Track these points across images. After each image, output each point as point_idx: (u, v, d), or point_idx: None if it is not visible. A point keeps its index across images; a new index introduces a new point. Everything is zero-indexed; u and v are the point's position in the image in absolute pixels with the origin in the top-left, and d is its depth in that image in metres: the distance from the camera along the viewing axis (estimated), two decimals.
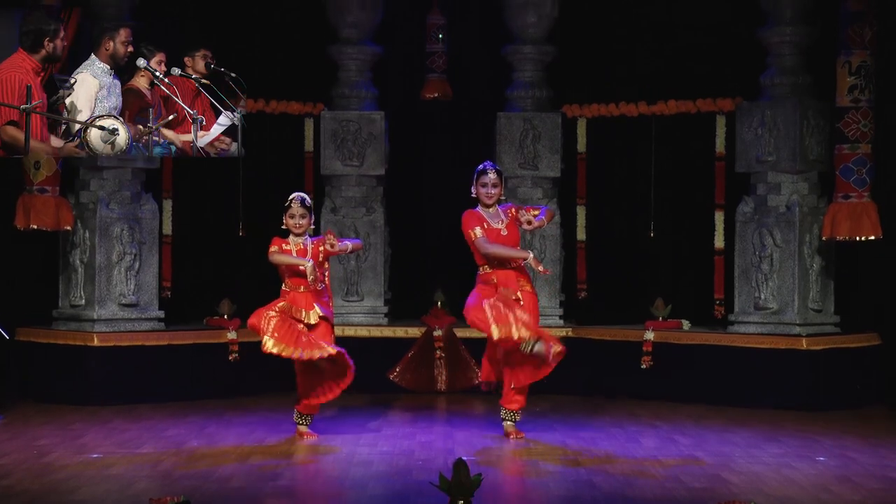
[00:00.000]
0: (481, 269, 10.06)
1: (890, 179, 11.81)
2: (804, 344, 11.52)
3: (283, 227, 10.04)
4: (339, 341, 12.19)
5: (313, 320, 9.95)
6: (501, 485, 8.43)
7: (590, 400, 11.96)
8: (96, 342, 11.55)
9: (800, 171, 11.78)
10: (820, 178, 11.90)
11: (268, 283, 12.96)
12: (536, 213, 10.11)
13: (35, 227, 11.47)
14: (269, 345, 9.78)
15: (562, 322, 12.58)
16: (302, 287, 9.98)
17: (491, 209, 10.08)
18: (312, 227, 10.13)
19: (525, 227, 10.06)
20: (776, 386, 11.53)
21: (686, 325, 12.28)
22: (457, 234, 10.12)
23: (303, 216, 10.01)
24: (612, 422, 10.82)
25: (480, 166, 10.17)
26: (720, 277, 12.19)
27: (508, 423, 10.08)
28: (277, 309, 9.92)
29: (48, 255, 12.04)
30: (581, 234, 12.79)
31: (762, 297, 11.80)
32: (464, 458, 7.58)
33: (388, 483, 8.41)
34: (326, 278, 10.15)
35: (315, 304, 9.99)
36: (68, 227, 11.64)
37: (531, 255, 9.94)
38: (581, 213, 12.78)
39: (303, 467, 8.92)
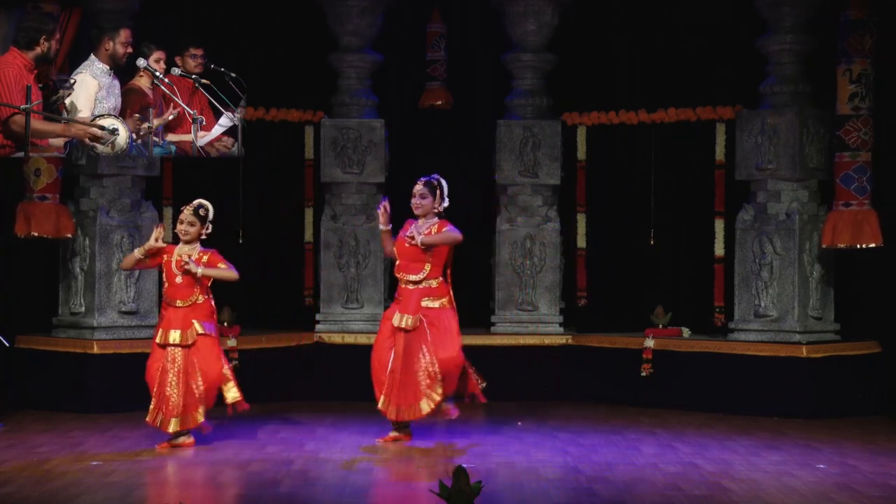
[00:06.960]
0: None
1: (890, 187, 11.81)
2: (804, 352, 11.51)
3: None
4: (339, 348, 12.30)
5: (190, 340, 9.62)
6: (501, 492, 8.42)
7: (589, 407, 11.95)
8: (96, 350, 11.54)
9: (800, 178, 11.79)
10: (820, 185, 11.90)
11: (267, 291, 13.02)
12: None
13: (35, 234, 11.47)
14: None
15: (562, 330, 12.58)
16: (178, 301, 9.65)
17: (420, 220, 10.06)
18: (204, 236, 9.70)
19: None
20: (776, 394, 11.53)
21: (686, 332, 12.28)
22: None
23: (191, 224, 9.61)
24: (611, 429, 10.81)
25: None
26: (720, 285, 12.19)
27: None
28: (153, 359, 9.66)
29: (48, 263, 12.03)
30: (581, 242, 12.79)
31: (762, 304, 11.80)
32: (463, 465, 7.57)
33: (388, 490, 8.40)
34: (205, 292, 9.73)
35: (193, 322, 9.64)
36: (68, 235, 11.63)
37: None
38: (581, 220, 12.77)
39: (302, 475, 8.92)
